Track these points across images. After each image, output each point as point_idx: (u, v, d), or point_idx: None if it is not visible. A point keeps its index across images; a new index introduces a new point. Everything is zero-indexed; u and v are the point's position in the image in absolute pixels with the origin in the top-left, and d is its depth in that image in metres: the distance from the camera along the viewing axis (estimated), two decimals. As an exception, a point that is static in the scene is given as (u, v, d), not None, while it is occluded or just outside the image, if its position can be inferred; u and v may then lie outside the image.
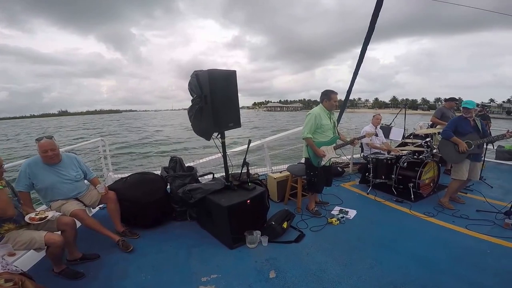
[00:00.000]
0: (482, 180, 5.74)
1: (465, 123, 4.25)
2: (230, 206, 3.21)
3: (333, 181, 5.74)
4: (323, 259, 3.06)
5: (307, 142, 3.87)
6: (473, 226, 3.75)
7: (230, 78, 3.39)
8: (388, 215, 4.30)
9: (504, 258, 3.03)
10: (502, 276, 2.72)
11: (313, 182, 4.03)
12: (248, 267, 2.95)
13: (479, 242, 3.39)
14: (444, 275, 2.76)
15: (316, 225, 3.86)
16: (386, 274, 2.78)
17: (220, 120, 3.30)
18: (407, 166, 4.89)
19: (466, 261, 2.99)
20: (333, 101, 3.90)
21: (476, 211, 4.25)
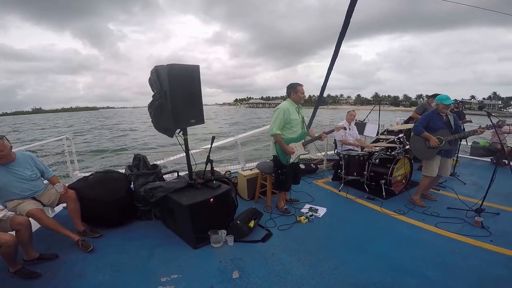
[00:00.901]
0: (456, 176, 5.77)
1: (437, 119, 4.22)
2: (191, 204, 3.08)
3: (306, 178, 5.75)
4: (288, 260, 2.98)
5: (275, 139, 3.73)
6: (443, 224, 3.73)
7: (193, 74, 3.26)
8: (358, 213, 4.24)
9: (472, 257, 3.00)
10: (468, 277, 2.67)
11: (281, 180, 3.92)
12: (211, 267, 2.86)
13: (448, 241, 3.36)
14: (409, 276, 2.70)
15: (285, 223, 3.76)
16: (350, 275, 2.71)
17: (181, 117, 3.17)
18: (379, 163, 4.86)
19: (433, 262, 2.94)
20: (300, 93, 3.77)
21: (447, 209, 4.24)
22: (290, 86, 3.83)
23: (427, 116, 4.29)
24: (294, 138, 3.79)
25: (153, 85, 3.19)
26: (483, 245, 3.24)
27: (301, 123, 3.86)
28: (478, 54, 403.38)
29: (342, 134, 5.50)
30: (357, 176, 5.06)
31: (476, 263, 2.89)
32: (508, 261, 2.93)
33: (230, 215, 3.57)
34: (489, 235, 3.45)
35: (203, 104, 3.48)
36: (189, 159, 3.57)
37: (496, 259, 2.98)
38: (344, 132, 5.50)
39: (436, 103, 4.28)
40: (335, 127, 4.29)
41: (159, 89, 3.14)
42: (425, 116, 4.34)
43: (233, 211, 3.68)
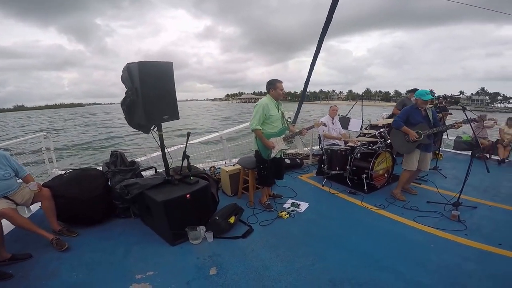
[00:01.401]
0: (438, 170, 5.86)
1: (416, 114, 4.24)
2: (166, 201, 3.06)
3: (292, 173, 5.75)
4: (268, 256, 2.98)
5: (256, 133, 3.74)
6: (421, 219, 3.77)
7: (166, 70, 3.25)
8: (339, 208, 4.26)
9: (446, 252, 3.03)
10: (441, 272, 2.69)
11: (264, 175, 3.93)
12: (188, 264, 2.85)
13: (424, 236, 3.39)
14: (384, 272, 2.71)
15: (267, 219, 3.77)
16: (327, 271, 2.72)
17: (153, 113, 3.15)
18: (361, 157, 4.88)
19: (409, 257, 2.96)
20: (279, 90, 3.79)
21: (427, 203, 4.29)
22: (269, 82, 3.85)
23: (406, 111, 4.31)
24: (275, 133, 3.81)
25: (125, 83, 3.16)
26: (458, 240, 3.28)
27: (281, 118, 3.88)
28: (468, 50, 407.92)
29: (325, 128, 5.51)
30: (340, 171, 5.07)
31: (450, 258, 2.92)
32: (480, 256, 2.98)
33: (210, 211, 3.54)
34: (465, 229, 3.50)
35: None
36: (165, 155, 3.53)
37: (470, 253, 3.02)
38: (326, 127, 5.51)
39: (415, 98, 4.31)
40: (315, 123, 4.30)
41: (131, 86, 3.11)
42: (404, 111, 4.36)
43: (214, 207, 3.67)
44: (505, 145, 6.92)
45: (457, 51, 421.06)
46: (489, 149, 7.19)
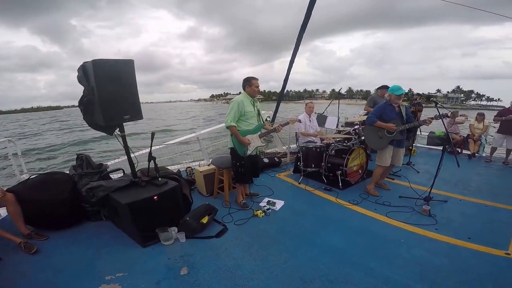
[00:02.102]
0: (411, 165, 5.98)
1: (390, 110, 4.30)
2: (131, 203, 3.00)
3: (269, 171, 5.75)
4: (241, 255, 2.97)
5: (231, 130, 3.71)
6: (393, 214, 3.83)
7: (125, 68, 3.12)
8: (314, 205, 4.27)
9: (416, 247, 3.08)
10: (411, 267, 2.73)
11: (240, 172, 3.90)
12: (159, 265, 2.82)
13: (395, 231, 3.44)
14: (354, 268, 2.73)
15: (242, 218, 3.75)
16: (298, 269, 2.73)
17: (111, 113, 3.03)
18: (336, 154, 4.92)
19: (379, 253, 2.99)
20: (255, 87, 3.79)
21: (399, 197, 4.36)
22: (245, 80, 3.85)
23: (380, 107, 4.37)
24: (250, 130, 3.80)
25: (81, 82, 3.04)
26: (428, 234, 3.33)
27: (256, 115, 3.87)
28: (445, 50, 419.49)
29: (301, 126, 5.54)
30: (316, 168, 5.10)
31: (419, 253, 2.96)
32: (449, 250, 3.03)
33: (181, 212, 3.48)
34: (435, 223, 3.58)
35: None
36: (130, 156, 3.44)
37: (439, 248, 3.07)
38: (303, 124, 5.54)
39: (389, 94, 4.37)
40: (290, 119, 4.31)
41: (87, 85, 3.00)
42: (378, 107, 4.42)
43: (187, 208, 3.62)
44: (475, 140, 7.19)
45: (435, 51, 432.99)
46: (460, 144, 7.42)
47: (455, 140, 7.38)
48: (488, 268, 2.72)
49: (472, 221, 3.68)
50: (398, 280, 2.54)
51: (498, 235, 3.30)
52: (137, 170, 3.56)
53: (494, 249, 3.00)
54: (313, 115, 5.85)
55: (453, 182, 5.13)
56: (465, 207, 4.14)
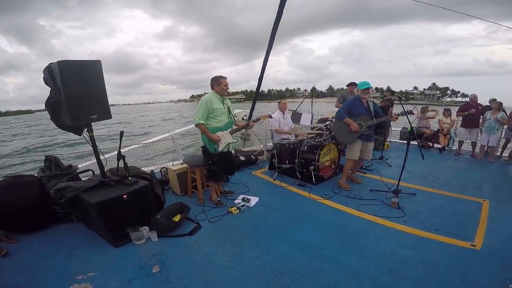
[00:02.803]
0: (383, 160, 6.16)
1: (358, 105, 4.40)
2: (99, 202, 2.97)
3: (246, 169, 5.77)
4: (213, 251, 3.00)
5: (199, 128, 3.74)
6: (363, 207, 3.92)
7: (93, 69, 3.12)
8: (288, 200, 4.33)
9: (385, 240, 3.16)
10: (379, 260, 2.79)
11: (213, 170, 3.91)
12: (131, 264, 2.81)
13: (365, 224, 3.53)
14: (324, 261, 2.79)
15: (216, 215, 3.76)
16: (270, 263, 2.77)
17: (78, 113, 3.02)
18: (308, 150, 5.00)
19: (349, 246, 3.06)
20: (223, 85, 3.83)
21: (370, 191, 4.47)
22: (213, 79, 3.87)
23: (349, 102, 4.47)
24: (220, 127, 3.82)
25: (48, 83, 3.02)
26: (397, 226, 3.42)
27: (226, 112, 3.90)
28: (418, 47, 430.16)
29: (276, 123, 5.59)
30: (290, 164, 5.16)
31: (388, 246, 3.03)
32: (416, 242, 3.12)
33: (153, 211, 3.45)
34: (403, 216, 3.68)
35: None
36: (99, 156, 3.41)
37: (407, 240, 3.15)
38: (277, 122, 5.59)
39: (358, 89, 4.49)
40: (261, 116, 4.35)
41: (53, 86, 2.98)
42: (347, 102, 4.52)
43: (158, 207, 3.60)
44: (445, 134, 7.46)
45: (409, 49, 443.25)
46: (431, 138, 7.70)
47: (426, 135, 7.65)
48: (455, 259, 2.79)
49: (439, 213, 3.79)
50: (367, 273, 2.60)
51: (464, 227, 3.41)
52: (107, 170, 3.52)
53: (460, 241, 3.09)
54: (287, 112, 5.91)
55: (423, 176, 5.29)
56: (433, 199, 4.27)
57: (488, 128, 6.40)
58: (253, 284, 2.50)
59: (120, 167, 3.47)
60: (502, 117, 6.25)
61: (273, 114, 5.67)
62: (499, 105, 6.40)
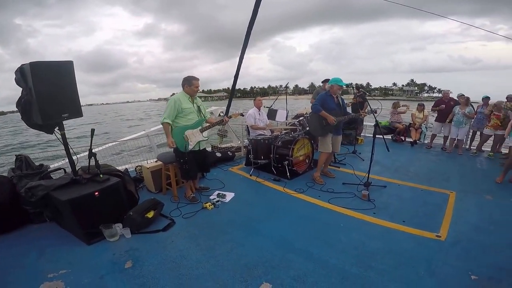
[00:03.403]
0: (356, 154, 6.33)
1: (330, 100, 4.51)
2: (71, 200, 2.96)
3: (223, 165, 5.81)
4: (187, 246, 3.03)
5: (164, 127, 3.76)
6: (335, 200, 4.03)
7: (65, 69, 3.17)
8: (263, 195, 4.42)
9: (354, 231, 3.25)
10: (348, 251, 2.88)
11: (185, 169, 3.93)
12: (103, 260, 2.82)
13: (336, 216, 3.63)
14: (295, 253, 2.86)
15: (191, 211, 3.78)
16: (244, 256, 2.83)
17: (49, 112, 3.04)
18: (283, 145, 5.08)
19: (320, 238, 3.14)
20: (194, 87, 3.83)
21: (343, 184, 4.59)
22: (185, 79, 3.87)
23: (322, 97, 4.55)
24: (190, 126, 3.84)
25: (19, 84, 3.05)
26: (366, 218, 3.54)
27: (196, 111, 3.91)
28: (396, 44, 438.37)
29: (251, 120, 5.66)
30: (265, 159, 5.24)
31: (357, 237, 3.13)
32: (384, 233, 3.23)
33: (126, 208, 3.46)
34: (373, 208, 3.80)
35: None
36: (70, 154, 3.39)
37: (375, 231, 3.26)
38: (253, 118, 5.67)
39: (331, 85, 4.57)
40: (233, 114, 4.40)
41: (25, 86, 3.00)
42: (320, 97, 4.59)
43: (132, 204, 3.59)
44: (416, 128, 7.74)
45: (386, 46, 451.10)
46: (403, 132, 7.95)
47: (399, 129, 7.93)
48: (420, 250, 2.88)
49: (407, 205, 3.93)
50: (335, 265, 2.67)
51: (431, 218, 3.54)
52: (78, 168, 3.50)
53: (426, 232, 3.20)
54: (262, 109, 5.99)
55: (394, 169, 5.48)
56: (402, 191, 4.42)
57: (457, 122, 6.66)
58: (226, 276, 2.54)
59: (93, 165, 3.45)
60: (469, 111, 6.52)
61: (249, 111, 5.75)
62: (466, 100, 6.67)
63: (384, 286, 2.39)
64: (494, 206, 3.89)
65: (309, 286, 2.41)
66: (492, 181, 4.88)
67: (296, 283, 2.44)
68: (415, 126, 7.78)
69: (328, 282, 2.45)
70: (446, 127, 7.12)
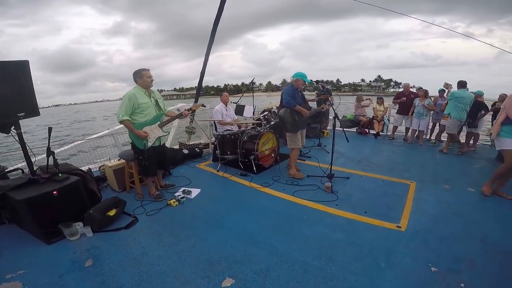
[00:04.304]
0: (321, 146, 6.48)
1: (297, 95, 4.50)
2: (27, 199, 2.88)
3: (190, 162, 5.77)
4: (149, 243, 3.00)
5: (124, 125, 3.63)
6: (299, 193, 4.09)
7: (20, 68, 3.13)
8: (229, 190, 4.43)
9: (317, 223, 3.30)
10: (310, 244, 2.90)
11: (145, 166, 3.85)
12: (63, 259, 2.77)
13: (300, 209, 3.68)
14: (259, 247, 2.87)
15: (154, 208, 3.74)
16: (206, 251, 2.82)
17: (4, 111, 2.99)
18: (248, 140, 5.11)
19: (283, 231, 3.17)
20: (146, 78, 3.68)
21: (307, 177, 4.67)
22: (135, 73, 3.72)
23: (291, 91, 4.47)
24: (148, 121, 3.73)
25: None
26: (329, 210, 3.60)
27: (154, 106, 3.79)
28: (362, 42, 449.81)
29: (218, 115, 5.65)
30: (232, 155, 5.24)
31: (319, 229, 3.17)
32: (346, 225, 3.28)
33: (87, 207, 3.38)
34: (336, 199, 3.88)
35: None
36: (28, 154, 3.29)
37: (337, 223, 3.32)
38: (220, 114, 5.67)
39: (296, 78, 4.49)
40: (194, 106, 4.36)
41: None
42: (288, 91, 4.51)
43: (93, 203, 3.49)
44: (379, 120, 8.03)
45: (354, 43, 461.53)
46: (367, 125, 8.23)
47: (363, 122, 8.22)
48: (380, 241, 2.93)
49: (369, 196, 4.03)
50: (297, 258, 2.69)
51: (391, 209, 3.63)
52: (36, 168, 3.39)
53: (387, 223, 3.27)
54: (229, 104, 6.00)
55: (357, 160, 5.65)
56: (365, 182, 4.55)
57: (418, 114, 6.97)
58: (188, 272, 2.54)
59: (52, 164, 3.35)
60: (428, 103, 6.82)
61: (216, 107, 5.75)
62: (425, 93, 7.03)
63: (344, 279, 2.41)
64: (452, 196, 4.04)
65: (271, 280, 2.42)
66: (450, 170, 5.13)
67: (259, 277, 2.45)
68: (377, 119, 8.08)
69: (289, 276, 2.47)
70: (408, 119, 7.39)
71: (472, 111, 6.22)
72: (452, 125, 6.08)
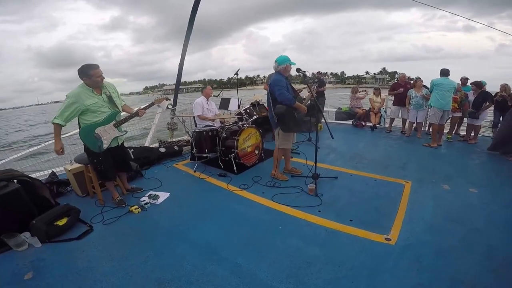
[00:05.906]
0: (312, 141, 5.99)
1: (289, 86, 3.84)
2: None
3: (167, 161, 5.37)
4: (98, 256, 2.66)
5: (54, 129, 3.08)
6: (279, 197, 3.63)
7: None
8: (201, 194, 3.98)
9: (292, 236, 2.84)
10: (280, 262, 2.46)
11: (101, 170, 3.43)
12: (5, 272, 2.53)
13: (276, 217, 3.22)
14: (221, 265, 2.45)
15: (114, 216, 3.33)
16: (158, 268, 2.44)
17: None
18: (228, 136, 4.65)
19: (252, 245, 2.72)
20: (96, 77, 3.15)
21: (291, 177, 4.22)
22: (80, 70, 3.15)
23: (284, 82, 3.79)
24: (100, 122, 3.26)
25: None
26: (309, 218, 3.14)
27: (106, 103, 3.30)
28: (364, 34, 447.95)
29: (199, 110, 5.17)
30: (210, 153, 4.79)
31: (294, 243, 2.73)
32: (326, 237, 2.82)
33: (35, 216, 3.02)
34: (319, 204, 3.41)
35: None
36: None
37: (316, 235, 2.86)
38: (201, 108, 5.19)
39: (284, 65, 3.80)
40: (155, 100, 3.90)
41: None
42: (281, 82, 3.76)
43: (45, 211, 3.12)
44: (376, 112, 7.63)
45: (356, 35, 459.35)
46: (364, 117, 7.81)
47: (359, 114, 7.80)
48: (364, 258, 2.47)
49: (358, 199, 3.55)
50: (263, 280, 2.27)
51: (382, 215, 3.17)
52: None
53: (374, 234, 2.81)
54: (211, 98, 5.53)
55: (349, 156, 5.17)
56: (354, 182, 4.07)
57: (416, 105, 6.52)
58: (130, 292, 2.17)
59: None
60: (426, 93, 6.34)
61: (196, 99, 5.27)
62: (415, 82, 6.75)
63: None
64: (452, 198, 3.57)
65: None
66: (450, 166, 4.68)
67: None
68: (374, 111, 7.68)
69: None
70: (404, 110, 6.99)
71: (478, 101, 5.95)
72: (433, 114, 5.91)
